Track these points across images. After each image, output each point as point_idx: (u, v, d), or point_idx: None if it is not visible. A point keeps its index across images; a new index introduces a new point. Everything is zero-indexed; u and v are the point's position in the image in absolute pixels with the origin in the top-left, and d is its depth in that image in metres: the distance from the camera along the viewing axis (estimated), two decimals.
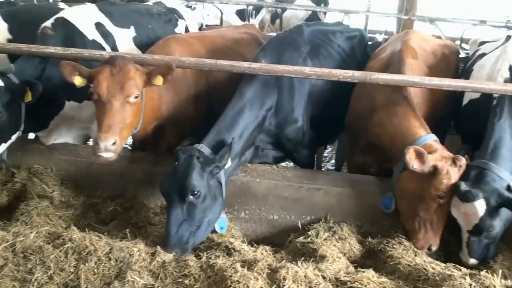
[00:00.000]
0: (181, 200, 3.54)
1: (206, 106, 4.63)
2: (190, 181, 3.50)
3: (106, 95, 3.66)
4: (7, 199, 4.27)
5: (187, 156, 3.61)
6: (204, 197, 3.57)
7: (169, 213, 3.57)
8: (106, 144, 3.50)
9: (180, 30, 5.93)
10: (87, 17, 4.85)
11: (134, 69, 3.81)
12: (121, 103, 3.68)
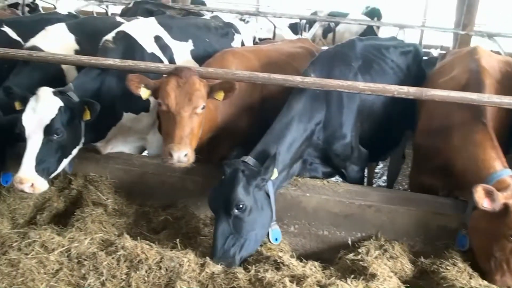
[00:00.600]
0: (227, 214, 3.56)
1: (260, 119, 4.64)
2: (235, 195, 3.52)
3: (175, 107, 3.75)
4: (64, 205, 4.41)
5: (232, 170, 3.65)
6: (250, 210, 3.58)
7: (216, 226, 3.61)
8: (179, 155, 3.61)
9: (236, 44, 6.01)
10: (147, 31, 4.98)
11: (198, 80, 3.89)
12: (190, 114, 3.77)
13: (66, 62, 4.47)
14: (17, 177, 3.67)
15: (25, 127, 3.80)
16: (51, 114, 3.85)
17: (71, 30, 5.06)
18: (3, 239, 3.50)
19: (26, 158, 3.74)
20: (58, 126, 3.86)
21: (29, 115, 3.83)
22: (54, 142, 3.87)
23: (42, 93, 3.92)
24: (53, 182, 4.60)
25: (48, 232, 3.54)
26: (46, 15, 6.52)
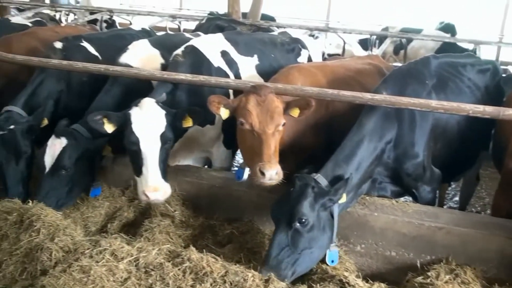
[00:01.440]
0: (288, 226, 3.55)
1: (326, 136, 4.62)
2: (300, 208, 3.51)
3: (259, 125, 3.79)
4: (133, 215, 4.54)
5: (303, 184, 3.63)
6: (311, 227, 3.55)
7: (274, 235, 3.61)
8: (271, 173, 3.62)
9: (303, 60, 6.02)
10: (214, 45, 5.10)
11: (276, 98, 3.92)
12: (273, 132, 3.79)
13: (141, 76, 4.63)
14: (150, 187, 3.87)
15: (139, 138, 3.96)
16: (163, 122, 4.04)
17: (153, 45, 5.26)
18: (76, 246, 3.63)
19: (152, 167, 3.93)
20: (170, 133, 4.07)
21: (141, 126, 3.99)
22: (167, 148, 4.07)
23: (146, 103, 4.11)
24: (124, 192, 4.77)
25: (118, 241, 3.64)
26: (121, 31, 6.80)
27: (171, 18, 11.56)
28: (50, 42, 5.48)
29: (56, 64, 4.87)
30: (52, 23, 9.19)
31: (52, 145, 4.32)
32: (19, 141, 4.48)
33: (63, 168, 4.28)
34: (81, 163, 4.39)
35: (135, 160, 4.05)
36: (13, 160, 4.48)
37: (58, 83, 5.13)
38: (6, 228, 3.78)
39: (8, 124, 4.49)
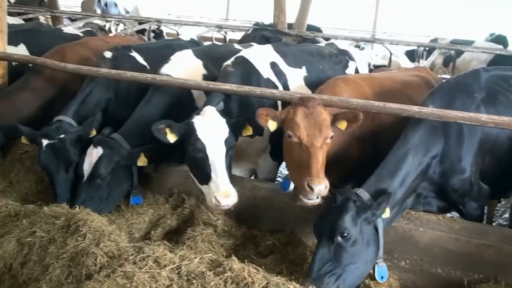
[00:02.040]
0: (330, 240, 3.51)
1: (371, 148, 4.56)
2: (341, 223, 3.46)
3: (307, 138, 3.76)
4: (176, 223, 4.58)
5: (344, 199, 3.58)
6: (354, 242, 3.49)
7: (316, 249, 3.56)
8: (320, 188, 3.57)
9: (351, 71, 5.99)
10: (264, 57, 5.14)
11: (323, 110, 3.90)
12: (321, 145, 3.77)
13: (186, 86, 4.70)
14: (221, 192, 3.89)
15: (205, 145, 4.02)
16: (226, 128, 4.11)
17: (197, 55, 5.34)
18: (120, 251, 3.68)
19: (221, 173, 3.97)
20: (233, 139, 4.14)
21: (206, 132, 4.06)
22: (231, 155, 4.13)
23: (208, 111, 4.20)
24: (167, 200, 4.83)
25: (161, 248, 3.67)
26: (170, 41, 6.92)
27: (217, 29, 11.70)
28: (100, 51, 5.64)
29: (105, 73, 5.01)
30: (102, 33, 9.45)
31: (90, 154, 4.45)
32: (69, 150, 4.62)
33: (98, 177, 4.39)
34: (118, 172, 4.50)
35: (202, 167, 4.06)
36: (62, 168, 4.62)
37: (106, 92, 5.27)
38: (54, 232, 3.87)
39: (58, 133, 4.65)
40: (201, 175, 4.11)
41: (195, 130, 4.07)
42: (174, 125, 4.16)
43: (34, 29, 7.36)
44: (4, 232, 3.98)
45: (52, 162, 4.60)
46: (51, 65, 5.31)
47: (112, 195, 4.54)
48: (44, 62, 5.38)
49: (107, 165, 4.41)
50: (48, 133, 4.65)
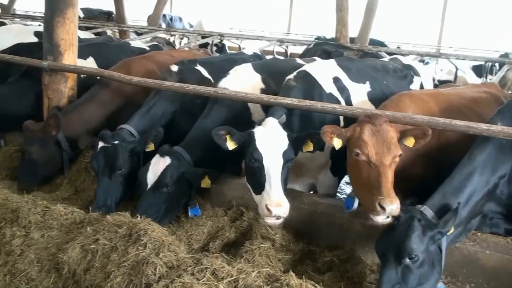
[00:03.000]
0: (397, 262, 3.38)
1: (435, 166, 4.43)
2: (409, 244, 3.34)
3: (375, 156, 3.72)
4: (235, 236, 4.59)
5: (408, 217, 3.46)
6: (421, 263, 3.37)
7: (383, 271, 3.44)
8: (392, 207, 3.50)
9: (415, 87, 5.87)
10: (327, 71, 5.12)
11: (391, 127, 3.85)
12: (390, 164, 3.72)
13: (247, 99, 4.74)
14: (273, 201, 3.90)
15: (262, 155, 4.06)
16: (285, 141, 4.12)
17: (256, 69, 5.38)
18: (179, 262, 3.73)
19: (275, 183, 3.99)
20: (291, 152, 4.14)
21: (265, 143, 4.10)
22: (288, 168, 4.14)
23: (270, 122, 4.23)
24: (226, 212, 4.86)
25: (219, 260, 3.69)
26: (233, 55, 7.02)
27: (279, 42, 11.77)
28: (166, 65, 5.79)
29: (169, 86, 5.12)
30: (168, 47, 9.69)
31: (156, 163, 4.52)
32: (118, 156, 4.74)
33: (165, 186, 4.46)
34: (181, 184, 4.56)
35: (257, 178, 4.09)
36: (107, 172, 4.75)
37: (172, 105, 5.38)
38: (116, 240, 3.96)
39: (114, 139, 4.79)
40: (256, 184, 4.14)
41: (255, 140, 4.11)
42: (235, 133, 4.23)
43: (103, 43, 7.64)
44: (70, 238, 4.11)
45: (101, 164, 4.75)
46: (117, 77, 5.49)
47: (173, 205, 4.60)
48: (111, 75, 5.57)
49: (174, 175, 4.48)
50: (105, 136, 4.80)
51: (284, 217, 3.98)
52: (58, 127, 5.32)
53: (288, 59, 8.10)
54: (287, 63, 5.97)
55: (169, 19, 19.84)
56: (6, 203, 4.50)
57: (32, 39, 7.53)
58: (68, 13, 5.73)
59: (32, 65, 5.99)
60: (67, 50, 5.83)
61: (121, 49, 7.49)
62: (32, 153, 5.31)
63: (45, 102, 5.94)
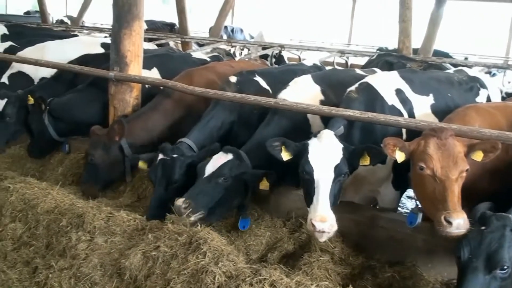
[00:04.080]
0: (486, 271, 3.21)
1: (503, 182, 4.26)
2: (503, 254, 3.17)
3: (441, 170, 3.65)
4: (293, 247, 4.57)
5: (500, 225, 3.29)
6: (509, 275, 3.23)
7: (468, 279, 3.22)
8: (459, 222, 3.42)
9: (482, 100, 5.69)
10: (389, 83, 5.05)
11: (457, 141, 3.76)
12: (456, 178, 3.64)
13: (308, 111, 4.74)
14: (318, 216, 3.87)
15: (313, 168, 4.06)
16: (339, 154, 4.10)
17: (316, 81, 5.37)
18: (238, 272, 3.74)
19: (322, 197, 3.97)
20: (345, 167, 4.10)
21: (317, 156, 4.09)
22: (340, 182, 4.10)
23: (325, 135, 4.21)
24: (285, 224, 4.85)
25: (277, 272, 3.68)
26: (293, 67, 7.04)
27: (339, 54, 11.70)
28: (226, 75, 5.87)
29: (230, 96, 5.19)
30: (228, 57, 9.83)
31: (218, 157, 4.59)
32: (175, 170, 4.81)
33: (222, 176, 4.47)
34: (237, 182, 4.56)
35: (308, 190, 4.10)
36: (163, 184, 4.83)
37: (230, 115, 5.44)
38: (176, 248, 4.03)
39: (172, 152, 4.88)
40: (306, 197, 4.15)
41: (307, 152, 4.10)
42: (290, 144, 4.25)
43: (166, 54, 7.84)
44: (132, 245, 4.22)
45: (158, 176, 4.84)
46: (180, 88, 5.61)
47: (224, 202, 4.57)
48: (175, 85, 5.70)
49: (233, 169, 4.52)
50: (165, 149, 4.90)
51: (329, 232, 3.92)
52: (122, 133, 5.48)
53: (348, 69, 8.06)
54: (347, 74, 5.93)
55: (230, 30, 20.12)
56: (73, 208, 4.67)
57: (99, 50, 7.83)
58: (135, 26, 5.92)
59: (99, 75, 6.21)
60: (132, 61, 6.01)
61: (183, 60, 7.66)
62: (95, 156, 5.48)
63: (110, 111, 6.14)
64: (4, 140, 6.49)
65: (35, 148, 6.44)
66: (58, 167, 6.24)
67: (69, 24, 18.17)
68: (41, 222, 4.64)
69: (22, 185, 5.09)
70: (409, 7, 9.85)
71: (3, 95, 6.38)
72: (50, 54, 7.30)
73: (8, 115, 6.36)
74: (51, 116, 6.24)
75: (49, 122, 6.22)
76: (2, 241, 4.65)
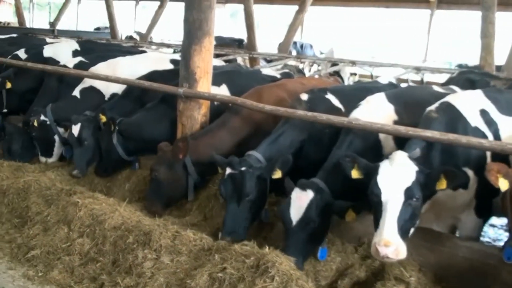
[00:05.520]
0: None
1: None
2: None
3: None
4: (365, 275, 4.49)
5: None
6: None
7: None
8: None
9: None
10: (473, 103, 4.89)
11: None
12: None
13: (383, 131, 4.67)
14: (382, 240, 3.83)
15: (381, 190, 4.03)
16: (411, 177, 4.02)
17: (390, 100, 5.28)
18: None
19: (389, 220, 3.91)
20: (417, 190, 4.01)
21: (386, 178, 4.05)
22: (412, 206, 4.00)
23: (398, 156, 4.16)
24: (356, 249, 4.77)
25: None
26: (366, 84, 6.97)
27: (415, 70, 11.49)
28: (296, 93, 5.88)
29: (301, 114, 5.18)
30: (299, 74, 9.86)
31: (298, 198, 4.48)
32: (245, 183, 4.82)
33: (312, 221, 4.39)
34: (325, 217, 4.48)
35: (376, 213, 4.06)
36: (235, 199, 4.85)
37: (301, 134, 5.43)
38: (243, 270, 4.04)
39: (241, 165, 4.91)
40: (374, 220, 4.10)
41: (377, 174, 4.07)
42: (362, 162, 4.27)
43: (235, 70, 7.95)
44: (198, 265, 4.28)
45: (228, 191, 4.87)
46: (250, 105, 5.66)
47: (316, 240, 4.54)
48: (244, 103, 5.75)
49: (319, 209, 4.43)
50: (233, 163, 4.93)
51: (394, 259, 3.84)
52: (186, 151, 5.57)
53: (424, 87, 7.86)
54: (423, 92, 5.79)
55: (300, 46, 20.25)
56: (139, 226, 4.80)
57: (168, 66, 8.04)
58: (205, 42, 6.04)
59: (168, 92, 6.38)
60: (202, 77, 6.12)
61: (253, 76, 7.73)
62: (159, 173, 5.60)
63: (179, 128, 6.27)
64: (86, 164, 6.78)
65: (102, 167, 6.68)
66: (125, 183, 6.45)
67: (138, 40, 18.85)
68: (108, 238, 4.80)
69: (90, 201, 5.29)
70: (492, 21, 9.58)
71: (75, 120, 6.69)
72: (122, 70, 7.57)
73: (86, 139, 6.68)
74: (121, 136, 6.45)
75: (118, 142, 6.42)
76: (70, 255, 4.82)
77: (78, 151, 6.74)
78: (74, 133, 6.67)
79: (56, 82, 8.00)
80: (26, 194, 5.77)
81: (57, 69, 7.82)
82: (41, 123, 7.09)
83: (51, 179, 6.14)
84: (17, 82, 8.29)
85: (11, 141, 7.34)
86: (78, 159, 6.73)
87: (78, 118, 6.73)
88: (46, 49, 9.07)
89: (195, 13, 5.96)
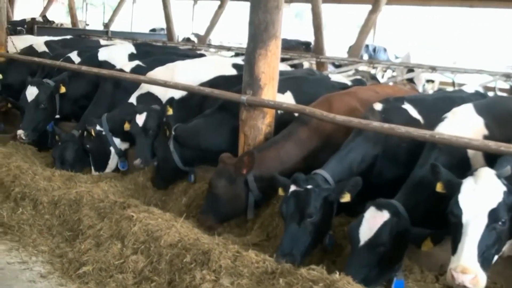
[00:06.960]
0: None
1: None
2: None
3: None
4: None
5: None
6: None
7: None
8: None
9: None
10: None
11: None
12: None
13: (471, 147, 4.57)
14: (459, 266, 3.76)
15: (462, 210, 3.95)
16: (497, 198, 3.93)
17: (479, 112, 5.14)
18: None
19: (468, 245, 3.83)
20: (504, 213, 3.91)
21: (468, 197, 3.97)
22: (497, 230, 3.91)
23: (484, 174, 4.06)
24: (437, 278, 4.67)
25: None
26: (450, 93, 6.82)
27: (504, 78, 11.15)
28: (370, 102, 5.82)
29: (376, 126, 5.11)
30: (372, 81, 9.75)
31: (372, 217, 4.43)
32: (310, 202, 4.80)
33: (382, 244, 4.33)
34: (398, 244, 4.40)
35: (454, 235, 3.98)
36: (296, 218, 4.84)
37: (374, 148, 5.37)
38: None
39: (307, 183, 4.89)
40: (452, 243, 4.01)
41: (459, 192, 3.99)
42: (445, 176, 4.24)
43: (302, 76, 7.94)
44: None
45: (290, 209, 4.87)
46: (319, 115, 5.62)
47: (386, 268, 4.46)
48: (313, 112, 5.72)
49: (392, 233, 4.36)
50: (298, 180, 4.93)
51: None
52: (251, 167, 5.60)
53: None
54: None
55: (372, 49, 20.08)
56: (197, 244, 4.84)
57: (230, 71, 8.12)
58: (271, 45, 6.07)
59: (230, 99, 6.44)
60: (267, 84, 6.13)
61: (321, 83, 7.68)
62: (217, 187, 5.67)
63: (241, 139, 6.30)
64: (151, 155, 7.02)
65: (159, 178, 6.82)
66: (181, 197, 6.55)
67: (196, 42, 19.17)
68: (164, 256, 4.86)
69: (145, 215, 5.40)
70: None
71: (141, 110, 6.90)
72: (181, 74, 7.72)
73: (152, 128, 6.95)
74: (177, 143, 6.57)
75: (175, 149, 6.54)
76: (123, 273, 4.91)
77: (142, 141, 6.97)
78: (139, 122, 6.85)
79: (111, 87, 8.27)
80: (78, 206, 5.95)
81: (113, 74, 8.06)
82: (97, 134, 7.33)
83: (104, 191, 6.32)
84: (70, 86, 8.62)
85: (64, 150, 7.63)
86: (141, 149, 6.96)
87: (144, 107, 6.92)
88: (101, 52, 9.37)
89: (261, 14, 6.00)
